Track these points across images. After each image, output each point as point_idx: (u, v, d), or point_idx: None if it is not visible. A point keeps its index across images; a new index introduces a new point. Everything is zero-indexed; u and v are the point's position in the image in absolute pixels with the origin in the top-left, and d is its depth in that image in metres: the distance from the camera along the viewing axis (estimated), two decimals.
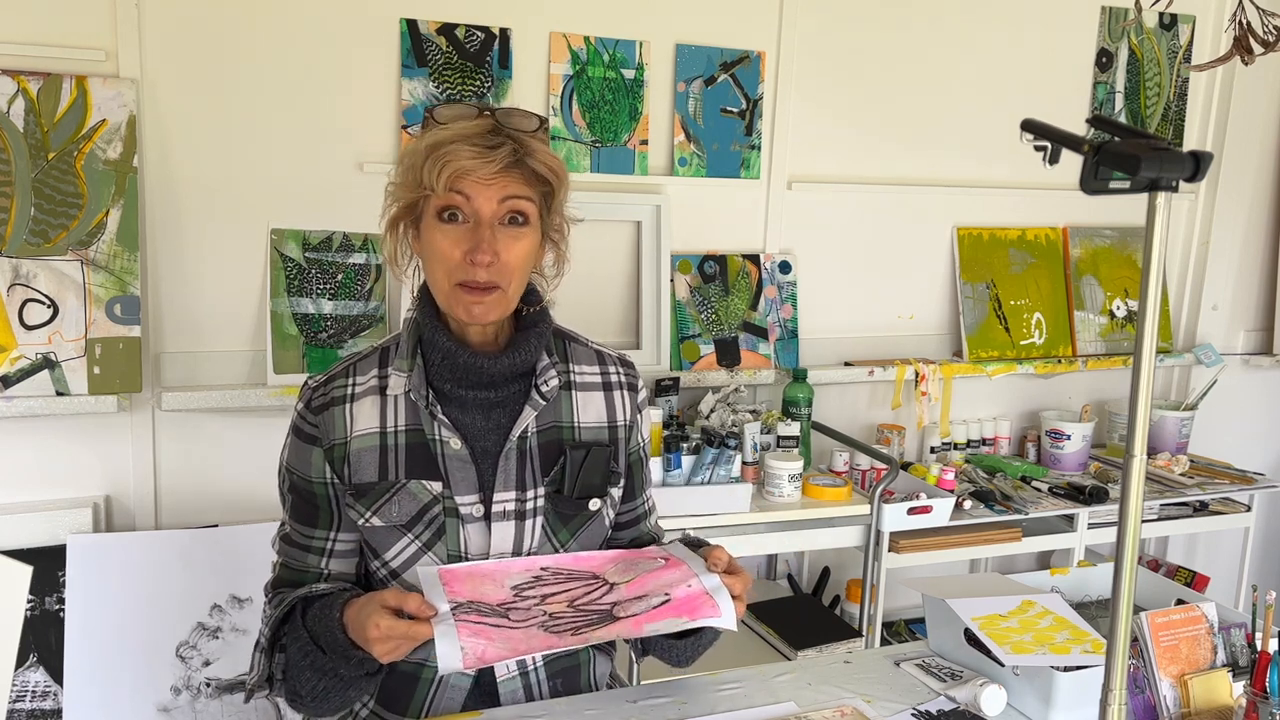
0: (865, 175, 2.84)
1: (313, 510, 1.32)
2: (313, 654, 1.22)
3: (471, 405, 1.30)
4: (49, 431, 2.15)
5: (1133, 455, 0.91)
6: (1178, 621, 1.33)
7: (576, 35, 2.47)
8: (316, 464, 1.30)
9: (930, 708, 1.35)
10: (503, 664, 1.29)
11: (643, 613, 1.18)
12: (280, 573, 1.35)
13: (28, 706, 2.04)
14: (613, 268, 2.61)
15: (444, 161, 1.19)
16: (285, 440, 1.35)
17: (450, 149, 1.20)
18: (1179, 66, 3.17)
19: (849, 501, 2.43)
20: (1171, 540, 3.30)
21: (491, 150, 1.20)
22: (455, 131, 1.21)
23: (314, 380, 1.34)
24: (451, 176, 1.19)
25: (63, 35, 2.08)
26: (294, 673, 1.24)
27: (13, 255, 2.04)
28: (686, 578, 1.23)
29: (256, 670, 1.29)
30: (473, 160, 1.19)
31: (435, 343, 1.28)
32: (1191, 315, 3.31)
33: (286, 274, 2.28)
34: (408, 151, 1.26)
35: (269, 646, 1.27)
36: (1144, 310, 0.89)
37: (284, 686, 1.27)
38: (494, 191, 1.22)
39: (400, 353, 1.31)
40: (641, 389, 1.44)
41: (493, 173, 1.21)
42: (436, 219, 1.23)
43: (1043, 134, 0.95)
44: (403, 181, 1.26)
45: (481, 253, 1.20)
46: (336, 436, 1.29)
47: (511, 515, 1.29)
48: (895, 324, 2.95)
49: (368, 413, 1.29)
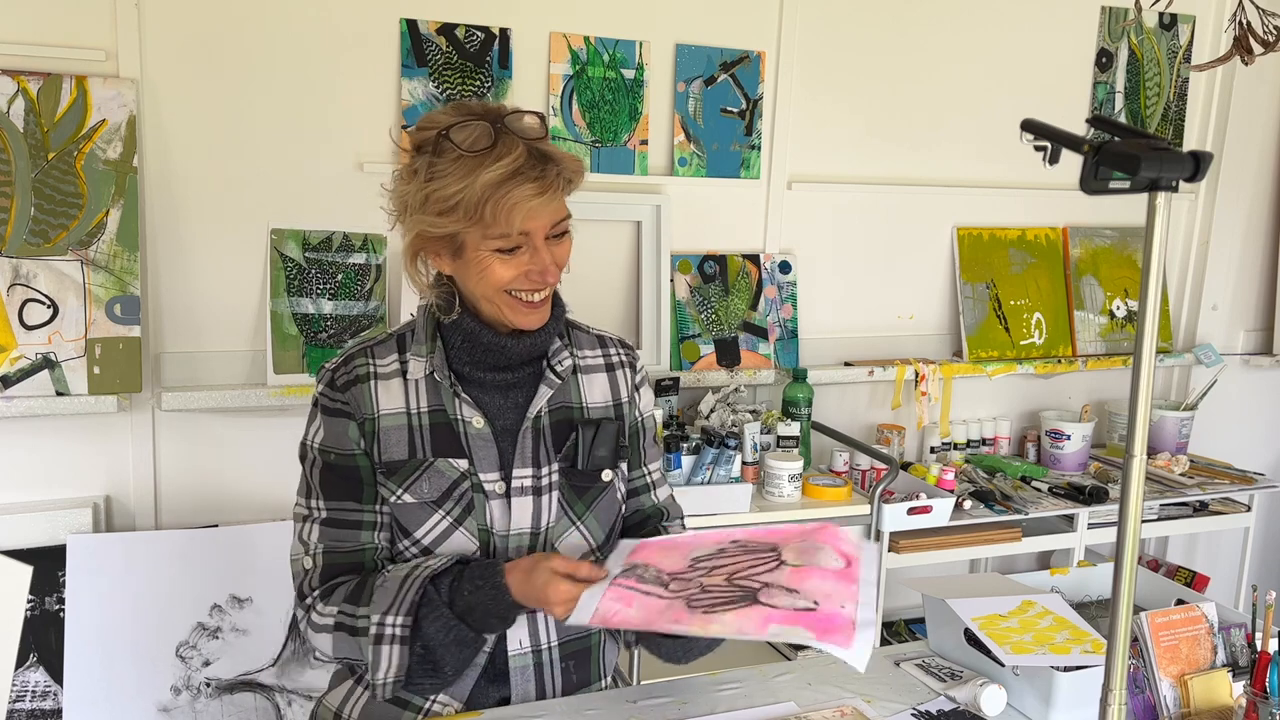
0: (865, 175, 2.84)
1: (356, 485, 1.32)
2: (457, 628, 1.23)
3: (490, 386, 1.36)
4: (49, 431, 2.15)
5: (1133, 455, 0.91)
6: (1178, 621, 1.33)
7: (576, 35, 2.47)
8: (353, 436, 1.32)
9: (930, 708, 1.35)
10: (515, 640, 1.33)
11: (782, 610, 1.14)
12: (328, 560, 1.31)
13: (28, 706, 2.04)
14: (613, 268, 2.61)
15: (512, 204, 1.23)
16: (310, 425, 1.35)
17: (514, 191, 1.23)
18: (1179, 66, 3.17)
19: (849, 501, 2.43)
20: (1171, 540, 3.30)
21: (546, 181, 1.25)
22: (506, 168, 1.23)
23: (331, 363, 1.37)
24: (525, 217, 1.24)
25: (63, 35, 2.08)
26: (439, 652, 1.23)
27: (13, 255, 2.04)
28: (847, 597, 1.16)
29: (393, 663, 1.23)
30: (537, 199, 1.24)
31: (459, 325, 1.33)
32: (1191, 315, 3.30)
33: (286, 274, 2.28)
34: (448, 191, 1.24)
35: (410, 634, 1.23)
36: (1144, 310, 0.89)
37: (420, 668, 1.24)
38: (548, 218, 1.28)
39: (417, 339, 1.35)
40: (641, 367, 1.49)
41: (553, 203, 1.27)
42: (495, 253, 1.27)
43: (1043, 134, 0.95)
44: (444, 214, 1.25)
45: (549, 275, 1.28)
46: (366, 412, 1.32)
47: (529, 490, 1.34)
48: (895, 324, 2.95)
49: (393, 393, 1.33)
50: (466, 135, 1.24)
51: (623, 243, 2.61)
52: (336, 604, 1.28)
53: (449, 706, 1.32)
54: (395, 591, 1.24)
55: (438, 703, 1.32)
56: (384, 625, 1.23)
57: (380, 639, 1.23)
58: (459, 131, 1.24)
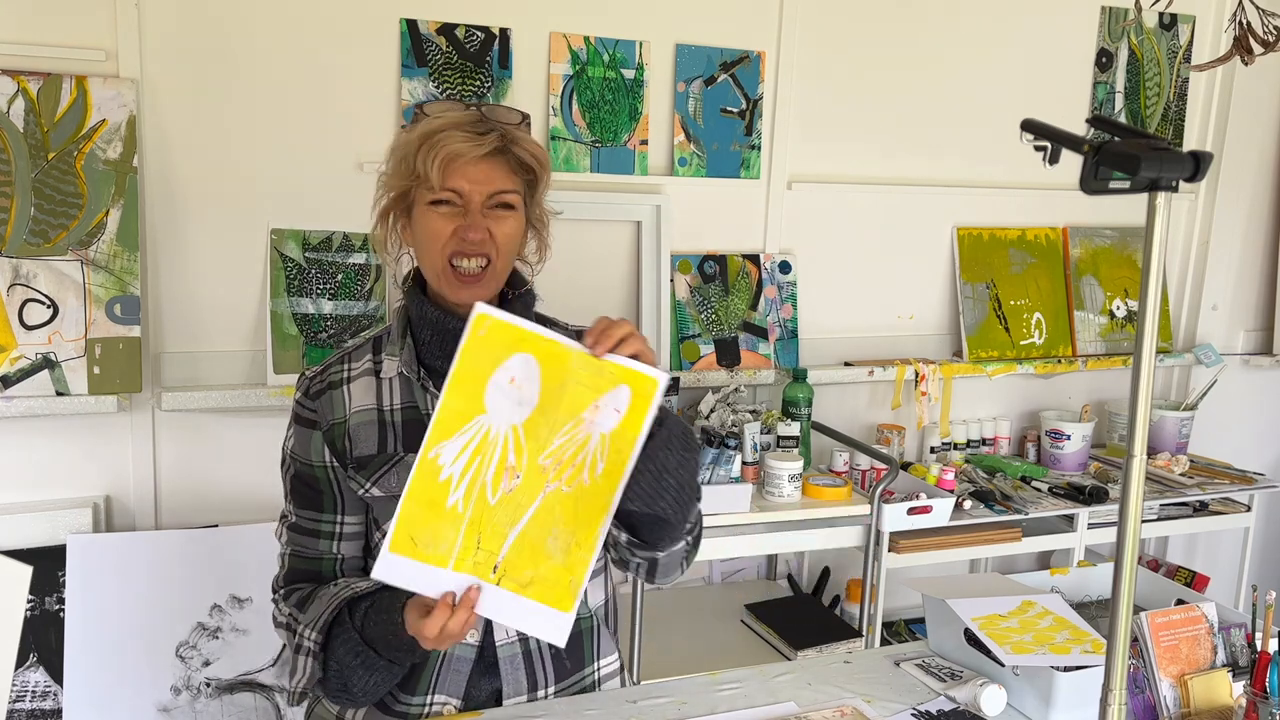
0: (865, 175, 2.84)
1: (316, 494, 1.36)
2: (364, 654, 1.25)
3: None
4: (49, 431, 2.15)
5: (1133, 455, 0.91)
6: (1178, 621, 1.33)
7: (576, 35, 2.47)
8: (316, 447, 1.35)
9: (930, 708, 1.35)
10: (501, 630, 1.33)
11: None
12: (291, 564, 1.38)
13: (28, 706, 2.04)
14: (613, 268, 2.61)
15: (438, 147, 1.25)
16: (288, 431, 1.40)
17: (442, 136, 1.25)
18: (1179, 66, 3.17)
19: (849, 501, 2.43)
20: (1171, 540, 3.30)
21: (480, 136, 1.26)
22: (446, 120, 1.27)
23: (310, 371, 1.40)
24: (444, 161, 1.25)
25: (63, 35, 2.08)
26: (346, 673, 1.26)
27: (13, 255, 2.04)
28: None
29: (306, 674, 1.29)
30: (464, 144, 1.25)
31: (424, 316, 1.33)
32: (1191, 315, 3.30)
33: (286, 274, 2.28)
34: (399, 143, 1.31)
35: (321, 651, 1.27)
36: (1144, 310, 0.89)
37: (334, 683, 1.28)
38: (482, 185, 1.28)
39: (391, 338, 1.37)
40: None
41: (482, 155, 1.26)
42: (428, 205, 1.29)
43: (1043, 134, 0.95)
44: (395, 171, 1.32)
45: (474, 229, 1.27)
46: (335, 416, 1.34)
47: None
48: (895, 324, 2.95)
49: (364, 392, 1.35)
50: (440, 106, 1.30)
51: (623, 243, 2.61)
52: (290, 607, 1.35)
53: (448, 705, 1.33)
54: (322, 607, 1.29)
55: (436, 703, 1.33)
56: (303, 637, 1.29)
57: (298, 649, 1.30)
58: (432, 104, 1.31)
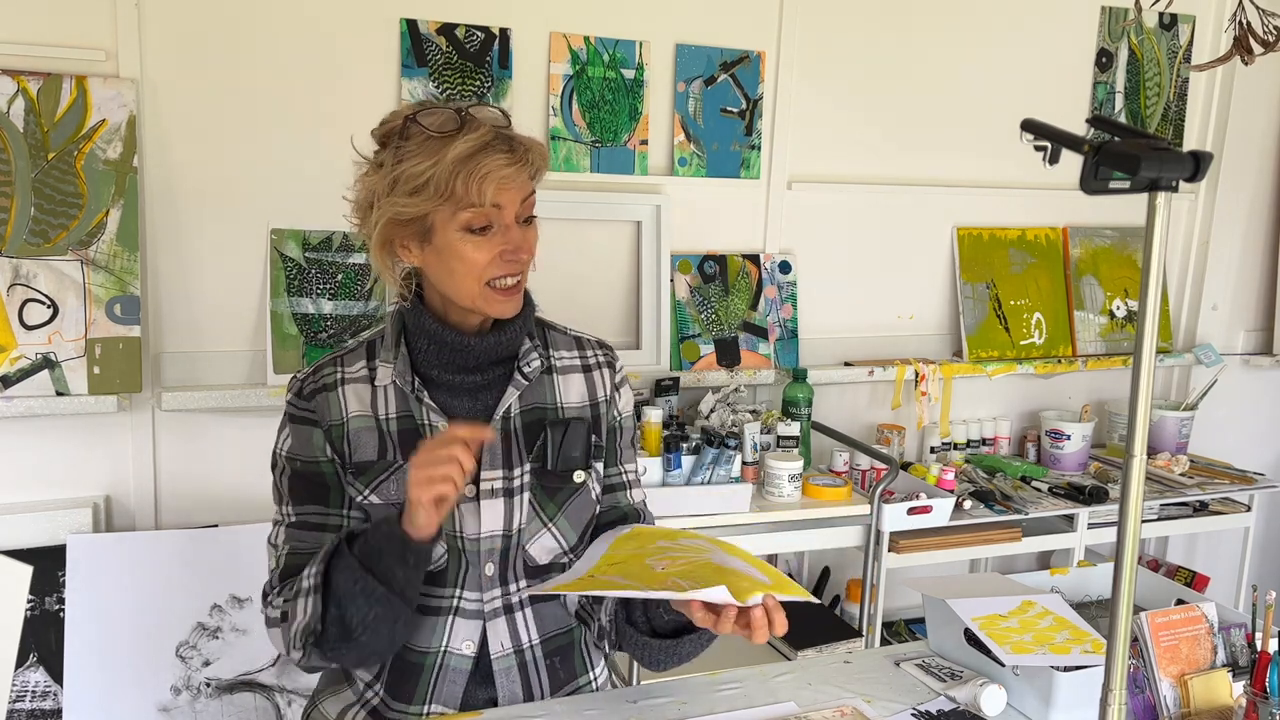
0: (865, 175, 2.84)
1: (322, 490, 1.33)
2: (363, 579, 1.20)
3: (458, 390, 1.35)
4: (49, 431, 2.15)
5: (1133, 455, 0.91)
6: (1178, 621, 1.33)
7: (576, 35, 2.47)
8: (318, 443, 1.33)
9: (930, 708, 1.35)
10: (496, 642, 1.34)
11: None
12: (288, 561, 1.31)
13: (28, 706, 2.04)
14: (613, 268, 2.61)
15: (484, 173, 1.23)
16: (279, 435, 1.37)
17: (485, 161, 1.23)
18: (1179, 66, 3.17)
19: (849, 501, 2.43)
20: (1171, 540, 3.29)
21: (516, 155, 1.26)
22: (475, 142, 1.23)
23: (302, 373, 1.38)
24: (496, 188, 1.24)
25: (63, 35, 2.08)
26: (345, 604, 1.21)
27: (13, 255, 2.04)
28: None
29: (306, 614, 1.23)
30: (509, 168, 1.25)
31: (422, 328, 1.32)
32: (1191, 315, 3.30)
33: (286, 274, 2.28)
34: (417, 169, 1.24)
35: (322, 585, 1.22)
36: (1144, 310, 0.89)
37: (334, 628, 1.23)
38: (517, 195, 1.28)
39: (386, 345, 1.36)
40: (620, 367, 1.49)
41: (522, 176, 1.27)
42: (465, 232, 1.26)
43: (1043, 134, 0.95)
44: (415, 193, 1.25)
45: (523, 249, 1.28)
46: (334, 418, 1.33)
47: (500, 493, 1.33)
48: (895, 324, 2.95)
49: (360, 398, 1.34)
50: (434, 119, 1.26)
51: (623, 243, 2.61)
52: (285, 597, 1.29)
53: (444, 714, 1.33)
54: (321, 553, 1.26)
55: (432, 713, 1.33)
56: (304, 579, 1.25)
57: (299, 593, 1.25)
58: (426, 115, 1.26)
